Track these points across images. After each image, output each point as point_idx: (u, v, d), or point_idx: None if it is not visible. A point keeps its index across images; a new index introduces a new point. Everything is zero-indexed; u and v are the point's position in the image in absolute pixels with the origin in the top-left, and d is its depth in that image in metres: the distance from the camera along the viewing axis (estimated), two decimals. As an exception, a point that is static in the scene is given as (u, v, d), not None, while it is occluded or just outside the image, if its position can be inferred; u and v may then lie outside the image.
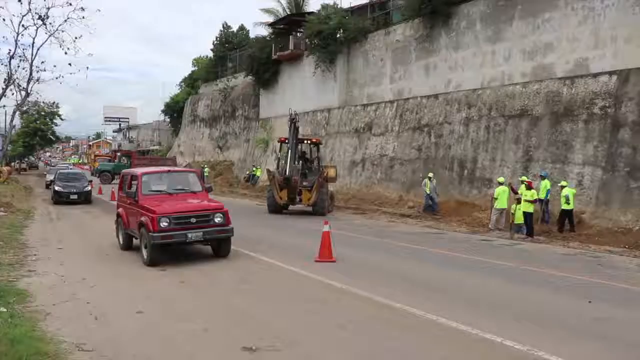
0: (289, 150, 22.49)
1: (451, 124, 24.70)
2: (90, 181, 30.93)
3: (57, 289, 9.22)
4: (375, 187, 28.26)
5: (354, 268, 11.30)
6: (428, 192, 22.70)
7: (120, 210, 13.83)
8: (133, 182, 13.39)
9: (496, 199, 18.66)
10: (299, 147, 24.36)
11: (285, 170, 22.47)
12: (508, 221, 18.21)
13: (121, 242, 13.82)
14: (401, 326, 7.26)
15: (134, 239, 13.25)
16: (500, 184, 18.94)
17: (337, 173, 25.80)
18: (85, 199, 27.89)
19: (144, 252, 11.67)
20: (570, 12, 20.20)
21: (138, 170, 13.65)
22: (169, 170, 14.42)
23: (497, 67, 23.22)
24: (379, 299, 8.60)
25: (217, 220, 11.91)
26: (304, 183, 22.64)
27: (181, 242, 11.69)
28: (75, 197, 27.51)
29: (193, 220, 11.65)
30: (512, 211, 17.54)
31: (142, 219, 11.66)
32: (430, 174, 23.16)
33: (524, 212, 17.08)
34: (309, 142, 24.93)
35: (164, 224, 11.25)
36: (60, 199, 27.27)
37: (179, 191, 12.93)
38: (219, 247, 12.50)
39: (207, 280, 10.26)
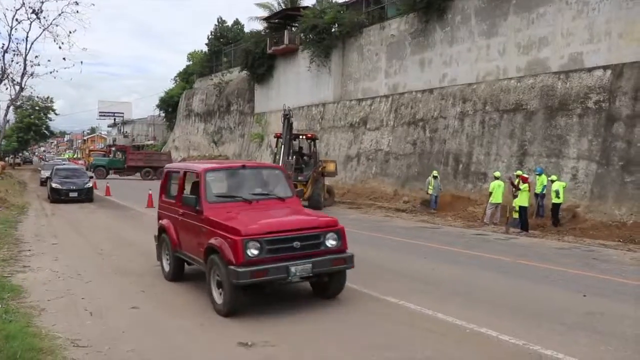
0: (282, 146, 22.58)
1: (446, 118, 24.71)
2: (91, 177, 29.26)
3: (51, 284, 9.20)
4: (370, 181, 28.28)
5: (350, 263, 11.30)
6: (431, 192, 22.47)
7: (165, 222, 9.82)
8: (187, 182, 9.51)
9: (491, 193, 18.69)
10: (295, 142, 24.46)
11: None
12: (503, 216, 18.25)
13: (167, 268, 9.79)
14: (396, 321, 7.27)
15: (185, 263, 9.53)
16: (497, 178, 18.96)
17: (336, 167, 25.88)
18: (86, 196, 25.74)
19: (215, 294, 7.65)
20: (565, 7, 20.23)
21: (198, 166, 9.23)
22: (243, 165, 9.58)
23: (491, 62, 23.24)
24: (374, 294, 8.61)
25: (330, 243, 7.83)
26: (299, 177, 22.73)
27: (280, 279, 7.40)
28: (75, 194, 25.35)
29: (296, 244, 7.49)
30: (515, 206, 17.47)
31: (213, 241, 7.62)
32: (435, 172, 22.79)
33: (520, 206, 17.11)
34: (304, 137, 24.93)
35: (253, 251, 7.19)
36: (58, 197, 25.21)
37: (260, 197, 8.85)
38: (329, 282, 8.25)
39: (202, 276, 10.20)
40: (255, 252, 7.18)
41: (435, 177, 22.47)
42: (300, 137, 25.02)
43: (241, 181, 9.17)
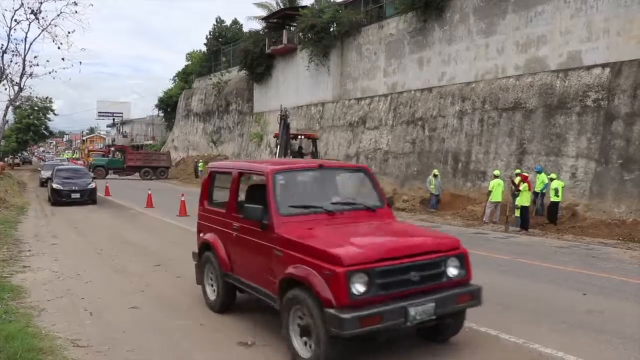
0: (278, 146, 22.72)
1: (445, 117, 24.72)
2: (94, 177, 28.49)
3: (51, 284, 9.20)
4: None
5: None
6: (434, 191, 22.31)
7: (211, 237, 7.61)
8: (241, 185, 7.35)
9: (491, 191, 18.69)
10: (295, 141, 24.61)
11: None
12: (503, 214, 18.25)
13: (212, 296, 7.70)
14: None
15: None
16: (496, 176, 18.97)
17: None
18: (89, 198, 24.60)
19: (298, 345, 5.60)
20: (563, 5, 20.23)
21: (263, 166, 6.88)
22: (320, 165, 7.25)
23: (490, 60, 23.25)
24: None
25: (452, 273, 5.89)
26: None
27: (396, 326, 5.29)
28: (77, 196, 24.16)
29: (414, 276, 5.45)
30: (518, 204, 17.41)
31: (294, 271, 5.54)
32: (436, 171, 22.67)
33: (521, 206, 17.07)
34: (303, 137, 25.01)
35: (359, 287, 5.13)
36: (60, 199, 23.97)
37: (345, 207, 6.75)
38: (447, 323, 6.13)
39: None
40: (363, 288, 5.12)
41: (435, 176, 22.37)
42: (300, 136, 25.09)
43: (318, 186, 7.28)
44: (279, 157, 22.24)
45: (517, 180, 17.44)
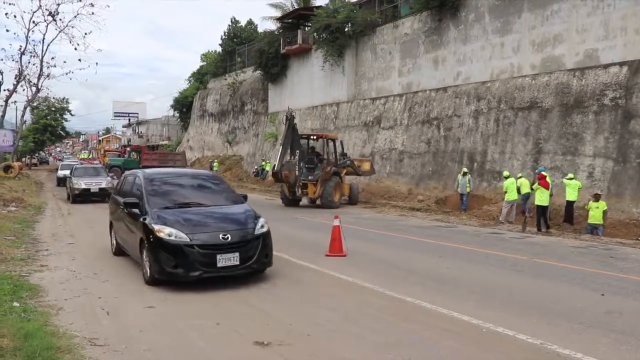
0: (281, 147, 22.83)
1: (460, 117, 24.61)
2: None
3: (69, 283, 9.26)
4: (384, 180, 28.24)
5: (365, 262, 11.29)
6: (469, 189, 21.54)
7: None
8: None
9: (506, 191, 18.58)
10: (312, 141, 24.73)
11: (274, 166, 22.96)
12: (519, 214, 18.14)
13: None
14: (412, 320, 7.24)
15: None
16: (507, 177, 18.87)
17: (372, 166, 26.38)
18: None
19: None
20: (580, 3, 20.08)
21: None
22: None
23: (506, 59, 23.13)
24: (389, 293, 8.58)
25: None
26: (310, 177, 23.01)
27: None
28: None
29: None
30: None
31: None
32: (465, 169, 22.09)
33: (538, 206, 16.88)
34: (315, 137, 25.14)
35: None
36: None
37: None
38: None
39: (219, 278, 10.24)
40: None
41: (465, 174, 21.65)
42: (312, 137, 25.18)
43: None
44: (280, 157, 22.38)
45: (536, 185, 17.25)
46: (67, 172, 31.68)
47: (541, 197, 16.78)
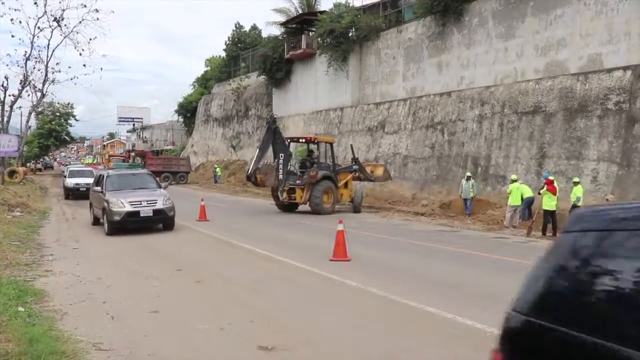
0: (258, 150, 22.82)
1: (464, 121, 24.62)
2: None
3: (73, 288, 9.29)
4: (388, 185, 28.22)
5: (369, 267, 11.29)
6: (472, 194, 21.34)
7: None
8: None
9: (509, 195, 18.55)
10: (309, 146, 24.78)
11: (248, 169, 23.11)
12: (523, 219, 18.11)
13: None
14: (417, 325, 7.25)
15: None
16: (514, 181, 18.85)
17: (386, 170, 25.81)
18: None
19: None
20: (583, 8, 20.09)
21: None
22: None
23: (509, 64, 23.14)
24: (394, 297, 8.58)
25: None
26: (297, 182, 22.88)
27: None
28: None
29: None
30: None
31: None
32: (469, 173, 22.00)
33: (545, 210, 16.83)
34: (303, 140, 25.32)
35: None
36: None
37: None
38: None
39: (222, 280, 10.28)
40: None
41: (468, 179, 21.50)
42: (300, 140, 25.34)
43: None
44: (254, 162, 22.28)
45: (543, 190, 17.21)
46: (80, 180, 29.56)
47: (549, 202, 16.71)
